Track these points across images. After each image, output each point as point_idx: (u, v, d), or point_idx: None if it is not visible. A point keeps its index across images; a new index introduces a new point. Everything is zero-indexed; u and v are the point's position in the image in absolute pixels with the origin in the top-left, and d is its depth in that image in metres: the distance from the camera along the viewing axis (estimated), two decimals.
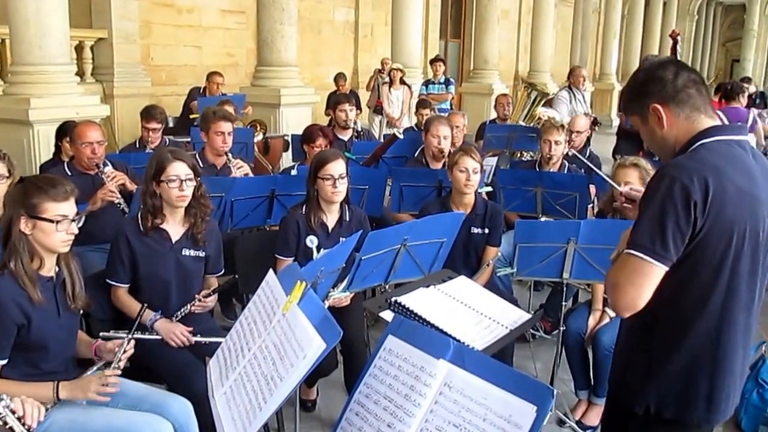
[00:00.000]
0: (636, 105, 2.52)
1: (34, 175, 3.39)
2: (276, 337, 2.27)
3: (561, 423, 4.57)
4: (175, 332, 3.77)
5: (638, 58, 24.41)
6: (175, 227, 3.95)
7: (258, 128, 8.53)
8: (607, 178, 4.27)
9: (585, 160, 5.93)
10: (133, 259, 3.85)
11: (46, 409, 2.95)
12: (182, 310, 3.85)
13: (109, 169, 5.11)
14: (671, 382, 2.46)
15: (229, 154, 5.85)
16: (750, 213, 2.32)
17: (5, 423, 2.53)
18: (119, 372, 3.13)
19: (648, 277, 2.30)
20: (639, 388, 2.52)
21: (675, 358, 2.44)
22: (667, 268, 2.29)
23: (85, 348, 3.41)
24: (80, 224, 3.17)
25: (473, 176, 4.81)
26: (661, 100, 2.43)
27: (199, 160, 5.50)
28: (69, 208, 3.09)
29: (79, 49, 11.08)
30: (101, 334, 3.55)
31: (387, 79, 12.36)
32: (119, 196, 5.03)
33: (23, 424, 2.59)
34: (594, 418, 4.61)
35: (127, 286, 3.90)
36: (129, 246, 3.85)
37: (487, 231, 4.95)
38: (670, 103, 2.42)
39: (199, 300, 3.90)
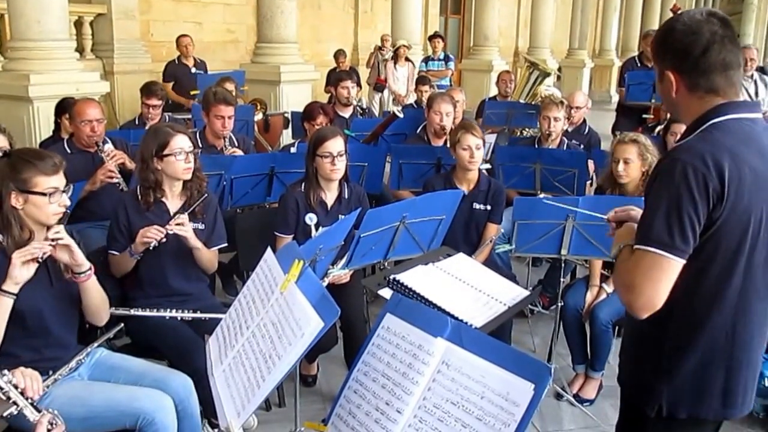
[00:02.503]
0: (656, 59, 2.35)
1: (19, 149, 3.34)
2: (274, 315, 2.28)
3: (559, 396, 4.61)
4: (150, 230, 3.71)
5: (638, 33, 24.25)
6: (173, 201, 3.96)
7: (258, 107, 8.52)
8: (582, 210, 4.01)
9: None
10: (131, 232, 3.84)
11: (48, 386, 2.98)
12: (160, 237, 3.72)
13: (108, 147, 5.11)
14: (684, 380, 2.31)
15: (227, 140, 5.81)
16: (766, 197, 2.17)
17: (8, 397, 2.55)
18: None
19: (666, 273, 2.13)
20: (650, 388, 2.37)
21: (689, 355, 2.29)
22: (684, 262, 2.13)
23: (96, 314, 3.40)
24: (69, 194, 3.16)
25: (476, 153, 4.82)
26: (677, 72, 2.26)
27: (199, 140, 5.52)
28: (59, 180, 3.08)
29: (78, 24, 11.05)
30: None
31: (388, 56, 12.33)
32: (119, 176, 5.02)
33: (26, 398, 2.60)
34: (591, 391, 4.66)
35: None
36: (128, 218, 3.86)
37: (489, 207, 4.97)
38: (686, 78, 2.25)
39: (177, 224, 3.78)
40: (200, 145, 5.43)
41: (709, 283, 2.23)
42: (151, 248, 3.73)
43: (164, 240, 3.74)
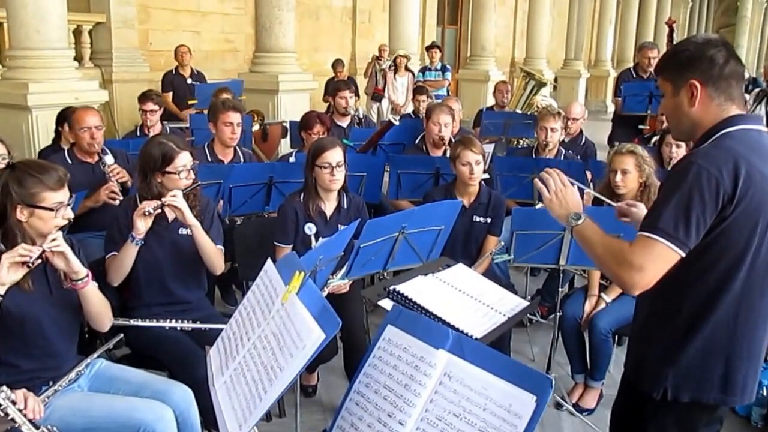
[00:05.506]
0: (675, 73, 2.49)
1: (23, 162, 3.30)
2: (275, 326, 2.28)
3: (558, 406, 4.62)
4: (144, 202, 3.71)
5: (633, 44, 24.34)
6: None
7: (255, 118, 8.52)
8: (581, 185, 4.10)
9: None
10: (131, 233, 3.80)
11: (47, 397, 2.98)
12: (155, 204, 3.69)
13: (109, 159, 5.11)
14: (688, 366, 2.48)
15: (238, 149, 5.84)
16: None
17: (6, 414, 2.54)
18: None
19: (669, 263, 2.33)
20: (656, 373, 2.53)
21: (693, 344, 2.46)
22: (683, 255, 2.31)
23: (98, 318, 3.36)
24: (71, 204, 3.17)
25: (476, 168, 4.85)
26: (702, 80, 2.40)
27: (207, 153, 5.53)
28: (64, 194, 3.09)
29: (77, 33, 11.07)
30: None
31: (386, 66, 12.35)
32: (120, 196, 4.99)
33: (24, 415, 2.59)
34: (590, 400, 4.67)
35: None
36: (128, 220, 3.80)
37: (489, 220, 4.99)
38: (710, 86, 2.41)
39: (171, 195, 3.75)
40: (209, 160, 5.45)
41: (717, 277, 2.40)
42: (146, 213, 3.66)
43: (159, 211, 3.72)
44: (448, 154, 5.71)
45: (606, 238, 2.55)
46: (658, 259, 2.32)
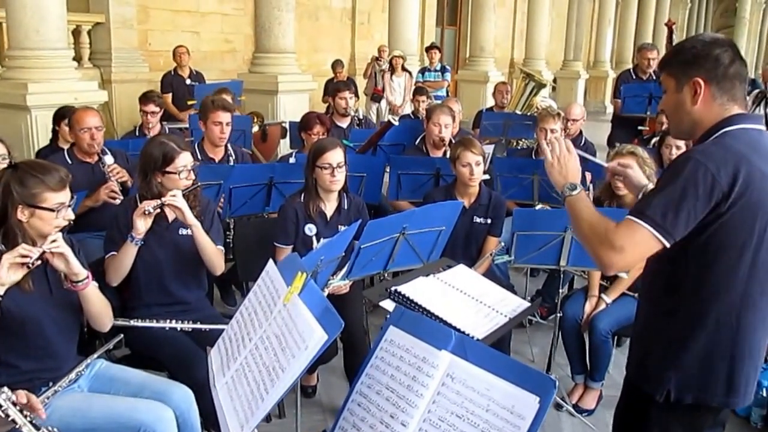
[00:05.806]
0: (679, 70, 2.49)
1: (26, 162, 3.28)
2: (277, 327, 2.27)
3: (558, 407, 4.61)
4: (145, 201, 3.72)
5: (632, 45, 24.40)
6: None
7: (255, 120, 8.51)
8: (592, 158, 4.23)
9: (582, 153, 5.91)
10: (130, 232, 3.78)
11: (47, 398, 2.97)
12: (154, 204, 3.68)
13: (109, 159, 5.11)
14: (691, 368, 2.47)
15: (230, 147, 5.82)
16: None
17: (7, 416, 2.53)
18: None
19: (650, 250, 2.35)
20: (659, 375, 2.52)
21: (695, 345, 2.45)
22: (668, 246, 2.32)
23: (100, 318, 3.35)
24: (73, 206, 3.17)
25: (476, 169, 4.84)
26: (707, 78, 2.41)
27: (197, 151, 5.51)
28: (66, 195, 3.09)
29: (76, 33, 11.07)
30: None
31: (385, 67, 12.36)
32: (121, 195, 5.00)
33: (25, 416, 2.58)
34: (590, 401, 4.67)
35: None
36: (127, 220, 3.78)
37: (489, 221, 4.99)
38: (714, 85, 2.41)
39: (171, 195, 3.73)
40: (199, 158, 5.44)
41: (716, 276, 2.39)
42: (146, 212, 3.65)
43: (159, 210, 3.71)
44: (448, 155, 5.71)
45: (595, 215, 2.55)
46: (640, 244, 2.34)
